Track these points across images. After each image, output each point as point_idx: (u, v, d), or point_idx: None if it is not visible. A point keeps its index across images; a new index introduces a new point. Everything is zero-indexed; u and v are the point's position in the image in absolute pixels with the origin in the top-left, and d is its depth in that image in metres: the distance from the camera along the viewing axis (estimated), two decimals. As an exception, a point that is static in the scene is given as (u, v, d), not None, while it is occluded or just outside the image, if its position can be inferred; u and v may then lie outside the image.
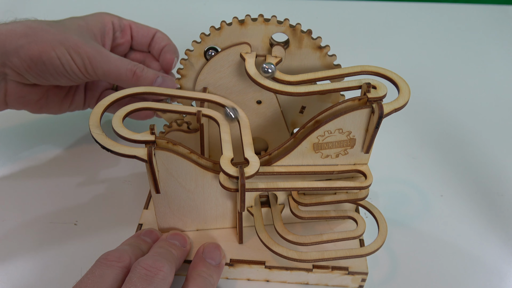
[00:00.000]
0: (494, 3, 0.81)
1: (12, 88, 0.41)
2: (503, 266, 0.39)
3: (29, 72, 0.40)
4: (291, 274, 0.36)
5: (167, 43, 0.46)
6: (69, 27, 0.42)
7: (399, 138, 0.52)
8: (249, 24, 0.34)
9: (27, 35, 0.39)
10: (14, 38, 0.39)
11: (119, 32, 0.46)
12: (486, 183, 0.47)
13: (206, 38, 0.35)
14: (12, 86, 0.41)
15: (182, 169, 0.33)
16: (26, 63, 0.39)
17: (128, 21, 0.47)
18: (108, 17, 0.46)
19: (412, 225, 0.42)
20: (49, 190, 0.44)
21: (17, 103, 0.43)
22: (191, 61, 0.37)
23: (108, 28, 0.45)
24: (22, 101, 0.43)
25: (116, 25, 0.46)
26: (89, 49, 0.40)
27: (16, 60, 0.39)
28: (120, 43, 0.47)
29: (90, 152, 0.48)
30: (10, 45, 0.39)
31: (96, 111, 0.32)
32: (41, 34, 0.39)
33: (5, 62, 0.39)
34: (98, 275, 0.30)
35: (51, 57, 0.39)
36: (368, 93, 0.31)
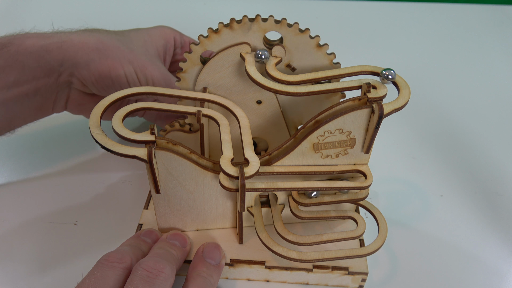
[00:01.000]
0: (494, 3, 0.81)
1: (74, 96, 0.43)
2: (503, 266, 0.39)
3: (95, 85, 0.41)
4: (291, 274, 0.36)
5: None
6: (136, 42, 0.43)
7: (399, 138, 0.52)
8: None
9: (99, 49, 0.40)
10: (86, 50, 0.40)
11: (179, 48, 0.48)
12: (486, 183, 0.47)
13: (205, 40, 0.35)
14: (75, 94, 0.43)
15: (182, 169, 0.33)
16: (94, 77, 0.40)
17: (188, 38, 0.49)
18: (171, 33, 0.47)
19: (412, 225, 0.42)
20: (49, 190, 0.44)
21: (75, 109, 0.44)
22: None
23: (170, 45, 0.47)
24: (80, 108, 0.44)
25: (178, 41, 0.48)
26: (155, 71, 0.42)
27: (85, 72, 0.40)
28: (179, 60, 0.48)
29: (90, 152, 0.48)
30: (81, 57, 0.40)
31: (96, 111, 0.32)
32: (112, 50, 0.41)
33: (74, 72, 0.40)
34: (99, 276, 0.30)
35: (119, 75, 0.40)
36: (368, 93, 0.31)
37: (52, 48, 0.39)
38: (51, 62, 0.39)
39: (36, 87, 0.40)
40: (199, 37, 0.35)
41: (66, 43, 0.40)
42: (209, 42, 0.35)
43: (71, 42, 0.40)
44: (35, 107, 0.41)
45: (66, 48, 0.40)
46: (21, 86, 0.39)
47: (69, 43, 0.40)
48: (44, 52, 0.39)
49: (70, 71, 0.40)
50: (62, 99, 0.43)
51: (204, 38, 0.35)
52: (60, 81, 0.41)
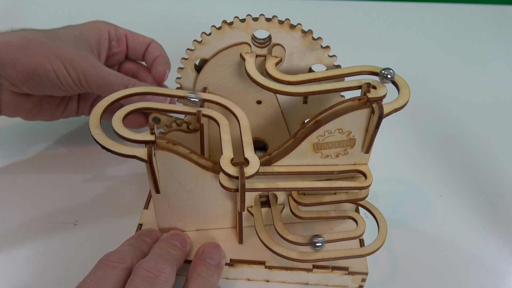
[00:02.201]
0: (494, 3, 0.81)
1: (6, 97, 0.42)
2: (503, 266, 0.39)
3: (24, 84, 0.40)
4: (291, 274, 0.36)
5: (160, 54, 0.46)
6: (65, 38, 0.42)
7: (399, 138, 0.52)
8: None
9: (24, 47, 0.39)
10: (10, 49, 0.39)
11: (115, 41, 0.46)
12: (486, 183, 0.47)
13: (207, 38, 0.35)
14: (6, 95, 0.42)
15: (182, 169, 0.33)
16: (22, 75, 0.39)
17: (124, 30, 0.47)
18: (104, 26, 0.46)
19: (412, 225, 0.42)
20: (49, 190, 0.44)
21: (10, 111, 0.43)
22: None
23: (104, 38, 0.45)
24: (15, 110, 0.43)
25: (112, 34, 0.46)
26: (84, 63, 0.40)
27: (12, 71, 0.39)
28: (115, 52, 0.47)
29: (90, 152, 0.48)
30: (6, 57, 0.39)
31: (96, 112, 0.32)
32: (37, 46, 0.40)
33: (1, 73, 0.39)
34: (100, 277, 0.30)
35: (46, 70, 0.39)
36: (368, 93, 0.31)
37: None
38: None
39: None
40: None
41: None
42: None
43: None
44: None
45: None
46: None
47: None
48: None
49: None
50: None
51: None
52: None
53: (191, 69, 0.37)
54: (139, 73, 0.48)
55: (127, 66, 0.49)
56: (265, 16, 0.34)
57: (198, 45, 0.35)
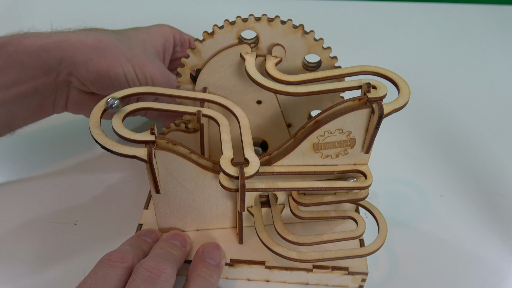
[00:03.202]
0: (494, 3, 0.81)
1: (73, 95, 0.43)
2: (503, 266, 0.39)
3: (94, 84, 0.41)
4: (291, 274, 0.36)
5: None
6: (135, 41, 0.43)
7: (399, 138, 0.52)
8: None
9: (97, 48, 0.40)
10: (84, 49, 0.40)
11: (179, 46, 0.48)
12: (486, 183, 0.47)
13: (209, 37, 0.35)
14: (74, 93, 0.43)
15: (182, 169, 0.33)
16: (93, 76, 0.40)
17: (187, 35, 0.49)
18: (170, 31, 0.47)
19: (412, 225, 0.42)
20: (49, 190, 0.44)
21: (76, 108, 0.44)
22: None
23: (169, 43, 0.47)
24: (80, 107, 0.44)
25: (177, 39, 0.48)
26: (154, 69, 0.42)
27: (84, 71, 0.40)
28: (179, 57, 0.48)
29: (90, 152, 0.48)
30: (79, 56, 0.40)
31: (96, 112, 0.32)
32: (110, 48, 0.41)
33: (72, 71, 0.40)
34: (101, 276, 0.30)
35: (118, 73, 0.40)
36: (368, 93, 0.31)
37: (51, 48, 0.39)
38: (50, 61, 0.39)
39: (35, 87, 0.40)
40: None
41: (65, 42, 0.40)
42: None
43: (70, 41, 0.40)
44: (34, 107, 0.41)
45: (65, 47, 0.40)
46: (20, 85, 0.39)
47: (68, 42, 0.40)
48: (43, 52, 0.39)
49: (68, 70, 0.40)
50: (62, 99, 0.43)
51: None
52: (59, 80, 0.41)
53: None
54: None
55: None
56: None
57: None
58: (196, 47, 0.35)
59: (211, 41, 0.35)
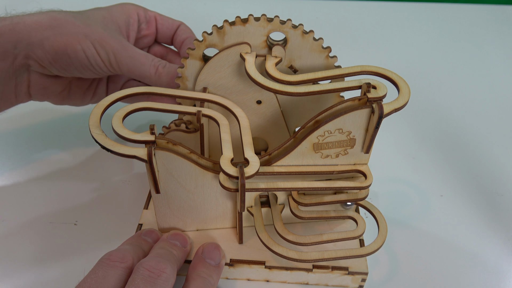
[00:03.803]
0: (494, 3, 0.81)
1: (35, 80, 0.41)
2: (503, 266, 0.39)
3: (53, 65, 0.39)
4: (291, 274, 0.36)
5: (189, 36, 0.45)
6: (94, 19, 0.41)
7: (399, 138, 0.52)
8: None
9: (52, 27, 0.38)
10: (39, 29, 0.38)
11: (145, 23, 0.46)
12: (486, 183, 0.47)
13: (208, 37, 0.35)
14: (35, 77, 0.41)
15: (182, 169, 0.33)
16: (51, 55, 0.38)
17: (153, 12, 0.47)
18: (134, 8, 0.45)
19: (412, 225, 0.42)
20: (49, 190, 0.44)
21: (40, 94, 0.42)
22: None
23: (133, 20, 0.44)
24: (44, 93, 0.42)
25: (142, 16, 0.45)
26: (115, 43, 0.39)
27: (40, 52, 0.38)
28: (145, 35, 0.46)
29: (90, 152, 0.48)
30: (35, 36, 0.38)
31: (96, 111, 0.32)
32: (66, 26, 0.39)
33: (29, 53, 0.39)
34: (101, 276, 0.30)
35: (76, 50, 0.38)
36: (368, 93, 0.31)
37: (4, 31, 0.38)
38: (4, 45, 0.38)
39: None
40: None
41: (19, 24, 0.38)
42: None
43: (24, 23, 0.38)
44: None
45: (19, 30, 0.38)
46: None
47: (22, 24, 0.38)
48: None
49: (25, 53, 0.39)
50: (23, 85, 0.41)
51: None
52: (16, 64, 0.39)
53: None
54: (167, 56, 0.47)
55: (156, 49, 0.48)
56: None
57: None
58: (223, 27, 0.34)
59: (239, 28, 0.34)
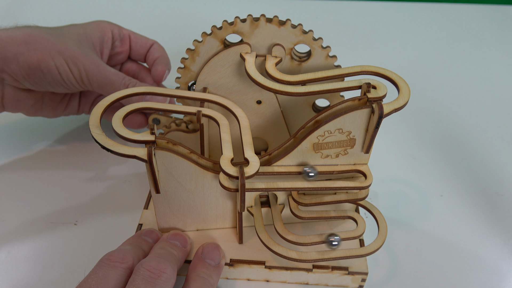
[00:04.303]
0: (494, 3, 0.81)
1: (8, 93, 0.42)
2: (503, 266, 0.39)
3: (27, 79, 0.40)
4: (291, 274, 0.36)
5: (161, 55, 0.47)
6: (68, 35, 0.42)
7: (399, 138, 0.52)
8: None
9: (27, 42, 0.39)
10: (14, 45, 0.39)
11: (118, 41, 0.47)
12: (486, 183, 0.47)
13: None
14: (9, 90, 0.42)
15: (182, 169, 0.33)
16: (25, 71, 0.40)
17: (127, 31, 0.48)
18: (108, 26, 0.46)
19: (412, 225, 0.42)
20: (49, 190, 0.44)
21: (13, 106, 0.43)
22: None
23: (107, 38, 0.46)
24: (18, 105, 0.43)
25: (116, 34, 0.46)
26: (87, 61, 0.41)
27: (15, 66, 0.39)
28: (118, 52, 0.47)
29: (90, 152, 0.48)
30: (9, 51, 0.39)
31: (96, 112, 0.32)
32: (40, 42, 0.40)
33: (3, 68, 0.40)
34: (101, 276, 0.30)
35: (49, 66, 0.39)
36: (368, 93, 0.31)
37: None
38: None
39: None
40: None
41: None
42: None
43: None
44: None
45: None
46: None
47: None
48: None
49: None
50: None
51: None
52: None
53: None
54: (139, 73, 0.49)
55: (128, 66, 0.49)
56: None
57: None
58: (259, 20, 0.34)
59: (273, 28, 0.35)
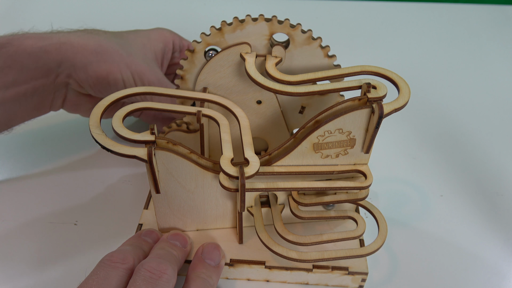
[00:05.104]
0: (494, 3, 0.81)
1: (71, 96, 0.43)
2: (503, 266, 0.39)
3: (92, 88, 0.41)
4: (291, 274, 0.36)
5: None
6: (135, 46, 0.43)
7: (399, 138, 0.52)
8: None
9: (98, 53, 0.40)
10: (84, 53, 0.40)
11: (178, 52, 0.48)
12: (486, 183, 0.47)
13: (207, 38, 0.35)
14: (72, 94, 0.43)
15: (182, 169, 0.33)
16: (92, 80, 0.40)
17: (187, 41, 0.49)
18: (170, 36, 0.47)
19: (412, 225, 0.42)
20: (49, 190, 0.44)
21: (72, 109, 0.45)
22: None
23: (168, 49, 0.47)
24: (77, 108, 0.45)
25: (176, 45, 0.48)
26: (152, 77, 0.42)
27: (83, 75, 0.40)
28: (176, 63, 0.49)
29: (90, 152, 0.48)
30: (80, 60, 0.40)
31: (96, 111, 0.32)
32: (111, 53, 0.41)
33: (72, 74, 0.40)
34: (102, 277, 0.30)
35: (116, 79, 0.40)
36: (368, 93, 0.31)
37: (51, 49, 0.39)
38: (50, 63, 0.40)
39: (34, 87, 0.40)
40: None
41: (65, 44, 0.40)
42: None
43: (70, 43, 0.40)
44: (32, 107, 0.42)
45: (65, 50, 0.40)
46: (20, 86, 0.39)
47: (68, 45, 0.40)
48: (43, 53, 0.39)
49: (67, 73, 0.40)
50: (59, 99, 0.43)
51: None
52: (57, 81, 0.41)
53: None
54: None
55: None
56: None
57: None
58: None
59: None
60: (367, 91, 0.31)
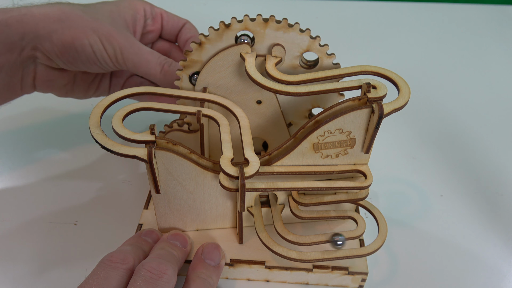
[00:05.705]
0: (494, 3, 0.81)
1: (41, 72, 0.41)
2: (503, 266, 0.39)
3: (60, 58, 0.39)
4: (291, 274, 0.36)
5: (193, 35, 0.46)
6: (102, 13, 0.41)
7: (399, 138, 0.52)
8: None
9: (61, 20, 0.39)
10: (47, 22, 0.38)
11: (150, 19, 0.46)
12: (486, 183, 0.47)
13: (205, 39, 0.35)
14: (41, 69, 0.41)
15: (182, 169, 0.33)
16: (58, 49, 0.39)
17: (159, 9, 0.47)
18: (141, 3, 0.45)
19: (412, 225, 0.42)
20: (49, 190, 0.44)
21: (44, 86, 0.43)
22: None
23: (139, 16, 0.44)
24: (49, 85, 0.42)
25: (148, 12, 0.45)
26: (122, 39, 0.40)
27: (48, 44, 0.38)
28: (150, 31, 0.46)
29: (90, 152, 0.48)
30: (43, 29, 0.38)
31: (96, 111, 0.32)
32: (74, 20, 0.39)
33: (37, 45, 0.39)
34: (103, 277, 0.30)
35: (83, 44, 0.39)
36: (368, 93, 0.31)
37: (12, 22, 0.38)
38: (12, 36, 0.38)
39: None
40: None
41: (26, 16, 0.38)
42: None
43: (32, 14, 0.38)
44: (1, 87, 0.40)
45: (27, 21, 0.38)
46: None
47: (30, 16, 0.38)
48: (4, 27, 0.37)
49: (32, 45, 0.39)
50: (29, 76, 0.41)
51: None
52: (23, 56, 0.39)
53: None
54: (172, 53, 0.48)
55: (160, 46, 0.48)
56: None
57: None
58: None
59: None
60: (367, 91, 0.31)
